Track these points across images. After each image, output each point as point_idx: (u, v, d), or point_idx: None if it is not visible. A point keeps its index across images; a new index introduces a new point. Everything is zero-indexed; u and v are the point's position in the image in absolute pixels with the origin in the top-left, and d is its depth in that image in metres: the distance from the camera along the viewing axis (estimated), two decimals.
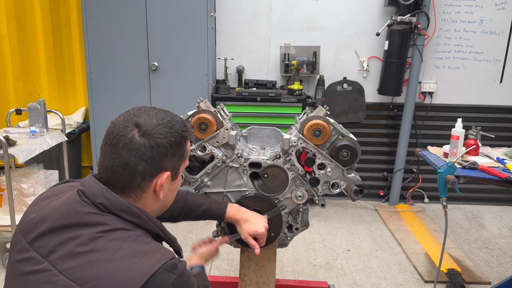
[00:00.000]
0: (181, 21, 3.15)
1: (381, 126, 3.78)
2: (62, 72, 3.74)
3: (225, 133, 1.59)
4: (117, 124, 0.94)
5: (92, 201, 0.90)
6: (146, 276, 0.83)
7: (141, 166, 0.92)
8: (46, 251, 0.87)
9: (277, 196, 1.62)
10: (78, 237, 0.86)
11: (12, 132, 2.78)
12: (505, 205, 3.79)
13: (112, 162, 0.92)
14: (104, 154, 0.93)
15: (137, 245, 0.88)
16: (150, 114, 0.96)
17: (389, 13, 3.46)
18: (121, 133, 0.92)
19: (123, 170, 0.92)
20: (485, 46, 3.60)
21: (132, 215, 0.91)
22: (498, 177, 1.90)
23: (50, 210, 0.93)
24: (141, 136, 0.92)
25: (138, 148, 0.91)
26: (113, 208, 0.90)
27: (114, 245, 0.86)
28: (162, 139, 0.94)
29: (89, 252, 0.85)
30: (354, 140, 1.57)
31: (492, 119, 3.70)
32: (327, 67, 3.68)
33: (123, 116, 0.95)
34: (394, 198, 3.76)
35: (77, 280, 0.82)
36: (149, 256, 0.86)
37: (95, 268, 0.83)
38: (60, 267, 0.84)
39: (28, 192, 2.75)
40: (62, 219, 0.89)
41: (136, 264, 0.84)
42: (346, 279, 2.58)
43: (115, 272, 0.82)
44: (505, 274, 2.67)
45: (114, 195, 0.91)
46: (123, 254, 0.85)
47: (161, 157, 0.94)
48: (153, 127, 0.93)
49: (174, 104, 3.25)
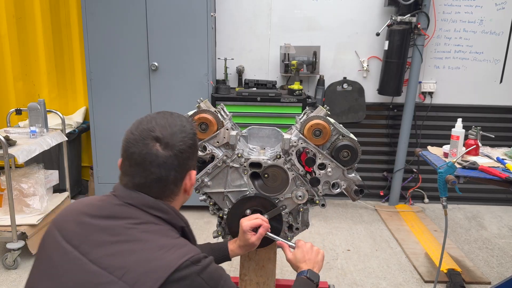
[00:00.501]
0: (181, 21, 3.15)
1: (381, 126, 3.78)
2: (62, 72, 3.73)
3: (226, 133, 1.59)
4: (135, 143, 0.96)
5: (123, 201, 0.97)
6: (173, 267, 0.86)
7: (172, 175, 0.98)
8: (78, 242, 0.91)
9: (278, 196, 1.62)
10: (109, 228, 0.92)
11: (12, 132, 2.78)
12: (505, 205, 3.79)
13: (144, 180, 0.97)
14: (132, 175, 0.98)
15: (166, 239, 0.93)
16: (162, 124, 0.99)
17: (389, 13, 3.47)
18: (144, 151, 0.95)
19: (157, 184, 0.98)
20: (485, 46, 3.61)
21: (159, 211, 0.97)
22: (498, 177, 1.90)
23: (85, 206, 0.99)
24: (164, 149, 0.96)
25: (166, 161, 0.96)
26: (141, 205, 0.96)
27: (144, 236, 0.91)
28: (183, 145, 0.99)
29: (120, 243, 0.89)
30: (354, 140, 1.58)
31: (492, 119, 3.70)
32: (327, 67, 3.68)
33: (138, 132, 0.97)
34: (394, 198, 3.76)
35: (107, 268, 0.86)
36: (176, 249, 0.91)
37: (125, 257, 0.87)
38: (91, 256, 0.88)
39: (28, 192, 2.75)
40: (97, 212, 0.96)
41: (163, 256, 0.88)
42: (346, 279, 2.58)
43: (144, 262, 0.86)
44: (505, 274, 2.67)
45: (142, 194, 0.97)
46: (152, 246, 0.89)
47: (186, 161, 1.01)
48: (171, 137, 0.98)
49: (174, 104, 3.26)
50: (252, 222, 1.44)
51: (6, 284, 2.48)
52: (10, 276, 2.56)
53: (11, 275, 2.56)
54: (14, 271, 2.60)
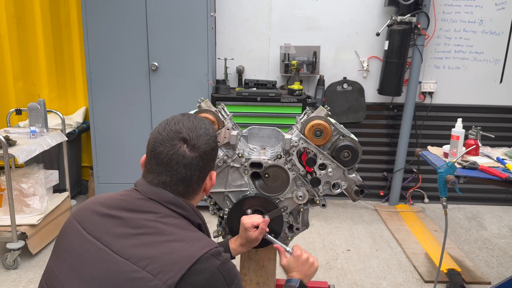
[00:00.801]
0: (181, 21, 3.14)
1: (381, 126, 3.78)
2: (62, 72, 3.73)
3: (226, 133, 1.59)
4: (162, 143, 1.01)
5: (145, 196, 1.01)
6: (194, 258, 0.89)
7: (196, 175, 1.04)
8: (100, 233, 0.95)
9: (278, 196, 1.62)
10: (131, 220, 0.95)
11: (12, 132, 2.78)
12: (505, 205, 3.80)
13: (170, 178, 1.01)
14: (158, 173, 1.02)
15: (186, 232, 0.97)
16: (189, 126, 1.04)
17: (389, 13, 3.47)
18: (171, 152, 1.00)
19: (181, 183, 1.03)
20: (485, 46, 3.61)
21: (179, 207, 1.01)
22: (498, 177, 1.90)
23: (107, 199, 1.03)
24: (191, 151, 1.02)
25: (192, 162, 1.02)
26: (162, 201, 1.00)
27: (166, 229, 0.95)
28: (207, 147, 1.05)
29: (142, 235, 0.93)
30: (355, 141, 1.58)
31: (492, 119, 3.70)
32: (327, 67, 3.68)
33: (166, 133, 1.02)
34: (394, 198, 3.76)
35: (131, 258, 0.89)
36: (196, 241, 0.95)
37: (148, 248, 0.90)
38: (113, 247, 0.91)
39: (28, 192, 2.75)
40: (118, 205, 0.99)
41: (185, 248, 0.91)
42: (346, 279, 2.58)
43: (166, 253, 0.89)
44: (505, 274, 2.67)
45: (163, 190, 1.01)
46: (174, 238, 0.93)
47: (209, 162, 1.07)
48: (197, 139, 1.03)
49: (174, 104, 3.26)
50: (253, 220, 1.46)
51: (6, 284, 2.48)
52: (10, 276, 2.56)
53: (11, 275, 2.56)
54: (14, 271, 2.60)
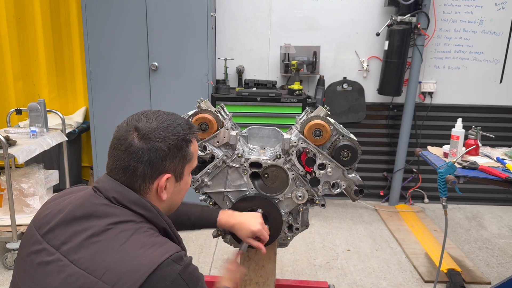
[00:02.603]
0: (181, 21, 3.15)
1: (381, 126, 3.78)
2: (62, 72, 3.73)
3: (226, 133, 1.59)
4: (121, 128, 0.99)
5: (105, 195, 0.96)
6: (154, 265, 0.85)
7: (140, 168, 0.96)
8: (59, 243, 0.91)
9: (278, 196, 1.62)
10: (89, 228, 0.91)
11: (12, 132, 2.78)
12: (505, 205, 3.79)
13: (115, 165, 0.97)
14: (110, 156, 0.99)
15: (146, 237, 0.91)
16: (151, 117, 0.99)
17: (389, 13, 3.47)
18: (122, 137, 0.97)
19: (124, 172, 0.97)
20: (485, 46, 3.61)
21: (142, 208, 0.96)
22: (498, 177, 1.90)
23: (65, 204, 0.98)
24: (140, 140, 0.96)
25: (137, 152, 0.95)
26: (124, 200, 0.95)
27: (124, 235, 0.90)
28: (160, 142, 0.96)
29: (99, 242, 0.88)
30: (354, 140, 1.58)
31: (492, 119, 3.70)
32: (327, 67, 3.68)
33: (127, 120, 1.00)
34: (394, 198, 3.76)
35: (87, 269, 0.85)
36: (156, 247, 0.90)
37: (105, 257, 0.86)
38: (71, 257, 0.88)
39: (28, 192, 2.75)
40: (76, 211, 0.94)
41: (144, 254, 0.87)
42: (346, 279, 2.58)
43: (124, 261, 0.86)
44: (505, 274, 2.67)
45: (126, 189, 0.96)
46: (132, 245, 0.88)
47: (160, 160, 0.97)
48: (151, 131, 0.97)
49: (174, 104, 3.25)
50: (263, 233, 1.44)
51: (6, 284, 2.48)
52: (10, 276, 2.55)
53: (11, 275, 2.56)
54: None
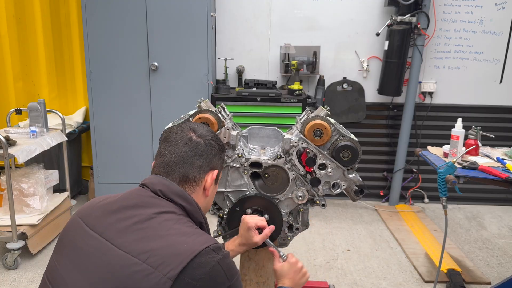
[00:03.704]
0: (181, 21, 3.14)
1: (381, 126, 3.78)
2: (62, 72, 3.73)
3: (226, 133, 1.59)
4: (174, 130, 1.15)
5: (152, 189, 1.04)
6: (195, 252, 0.90)
7: (198, 161, 1.10)
8: (103, 229, 0.97)
9: (278, 196, 1.62)
10: (134, 216, 0.97)
11: (12, 132, 2.78)
12: (505, 205, 3.79)
13: (174, 158, 1.09)
14: (164, 153, 1.10)
15: (187, 227, 0.99)
16: (200, 126, 1.18)
17: (389, 13, 3.47)
18: (180, 135, 1.12)
19: (183, 164, 1.08)
20: (485, 46, 3.61)
21: (184, 200, 1.04)
22: (498, 177, 1.90)
23: (111, 198, 1.06)
24: (198, 137, 1.13)
25: (197, 145, 1.11)
26: (169, 192, 1.03)
27: (167, 224, 0.96)
28: (213, 141, 1.15)
29: (144, 229, 0.94)
30: (355, 141, 1.58)
31: (492, 119, 3.70)
32: (327, 67, 3.68)
33: (177, 126, 1.19)
34: (394, 198, 3.76)
35: (131, 252, 0.90)
36: (196, 236, 0.96)
37: (149, 242, 0.92)
38: (115, 241, 0.93)
39: (28, 192, 2.75)
40: (122, 202, 1.01)
41: (186, 241, 0.93)
42: (346, 279, 2.58)
43: (167, 246, 0.91)
44: (505, 274, 2.67)
45: (172, 182, 1.06)
46: (175, 232, 0.95)
47: (213, 156, 1.13)
48: (205, 132, 1.15)
49: (174, 104, 3.26)
50: (257, 221, 1.45)
51: (6, 284, 2.48)
52: (10, 276, 2.56)
53: (11, 275, 2.56)
54: (14, 271, 2.60)
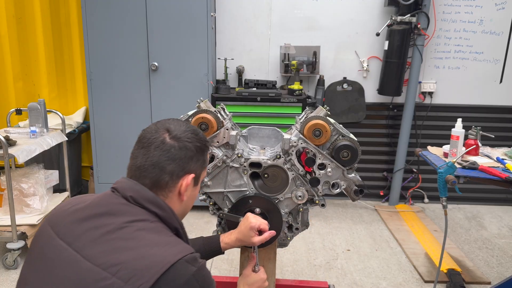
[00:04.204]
0: (181, 21, 3.15)
1: (381, 126, 3.78)
2: (62, 72, 3.73)
3: (226, 133, 1.59)
4: (148, 130, 1.06)
5: (123, 195, 0.98)
6: (168, 264, 0.86)
7: (170, 165, 1.01)
8: (72, 239, 0.92)
9: (277, 196, 1.62)
10: (104, 226, 0.92)
11: (12, 132, 2.78)
12: (505, 205, 3.79)
13: (144, 162, 1.01)
14: (136, 156, 1.03)
15: (160, 236, 0.93)
16: (178, 123, 1.08)
17: (389, 13, 3.47)
18: (153, 137, 1.03)
19: (153, 169, 1.01)
20: (485, 46, 3.61)
21: (157, 206, 0.98)
22: (498, 177, 1.90)
23: (81, 203, 1.00)
24: (171, 139, 1.03)
25: (169, 149, 1.02)
26: (141, 199, 0.97)
27: (138, 234, 0.91)
28: (189, 143, 1.05)
29: (114, 240, 0.89)
30: (354, 140, 1.58)
31: (492, 119, 3.70)
32: (327, 67, 3.68)
33: (154, 124, 1.08)
34: (394, 198, 3.76)
35: (101, 265, 0.86)
36: (170, 246, 0.91)
37: (119, 254, 0.87)
38: (84, 252, 0.88)
39: (28, 192, 2.75)
40: (93, 209, 0.96)
41: (158, 253, 0.88)
42: (346, 279, 2.58)
43: (138, 258, 0.86)
44: (505, 274, 2.67)
45: (143, 187, 1.00)
46: (147, 243, 0.89)
47: (188, 159, 1.04)
48: (182, 132, 1.05)
49: (174, 104, 3.26)
50: (260, 223, 1.45)
51: (6, 284, 2.48)
52: (10, 276, 2.56)
53: (11, 275, 2.56)
54: (14, 271, 2.60)
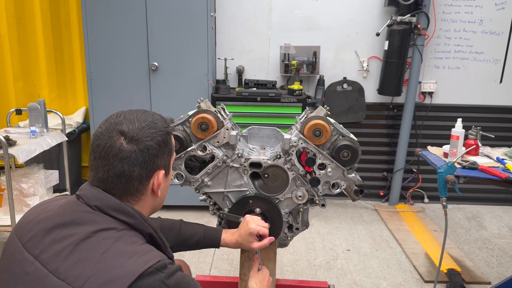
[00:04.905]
0: (181, 21, 3.14)
1: (381, 126, 3.78)
2: (62, 72, 3.73)
3: (226, 133, 1.59)
4: (100, 136, 0.94)
5: (87, 203, 0.92)
6: (135, 274, 0.81)
7: (136, 171, 0.93)
8: (38, 251, 0.87)
9: (278, 196, 1.62)
10: (69, 236, 0.87)
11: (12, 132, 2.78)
12: (505, 205, 3.79)
13: (107, 174, 0.92)
14: (96, 168, 0.94)
15: (127, 246, 0.87)
16: (130, 119, 0.96)
17: (389, 13, 3.47)
18: (108, 144, 0.92)
19: (119, 179, 0.93)
20: (485, 46, 3.61)
21: (125, 215, 0.92)
22: (498, 177, 1.90)
23: (47, 212, 0.95)
24: (129, 143, 0.92)
25: (129, 156, 0.92)
26: (106, 208, 0.91)
27: (104, 244, 0.86)
28: (150, 141, 0.95)
29: (79, 251, 0.85)
30: (354, 140, 1.57)
31: (492, 119, 3.70)
32: (327, 67, 3.68)
33: (104, 126, 0.95)
34: (394, 198, 3.76)
35: (66, 279, 0.82)
36: (138, 256, 0.85)
37: (84, 267, 0.83)
38: (50, 266, 0.85)
39: (28, 192, 2.75)
40: (57, 219, 0.91)
41: (125, 264, 0.83)
42: (346, 279, 2.58)
43: (104, 271, 0.82)
44: (505, 274, 2.67)
45: (108, 195, 0.92)
46: (113, 254, 0.85)
47: (153, 158, 0.96)
48: (138, 132, 0.94)
49: (174, 104, 3.25)
50: (261, 229, 1.45)
51: None
52: None
53: None
54: None
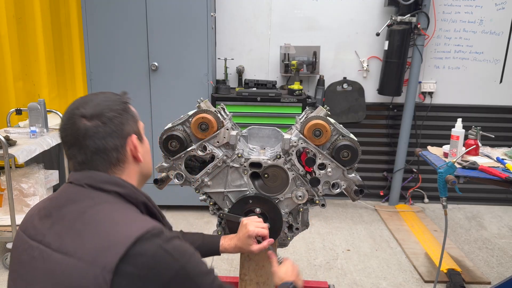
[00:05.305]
0: (181, 21, 3.14)
1: (381, 126, 3.78)
2: (62, 72, 3.73)
3: (226, 133, 1.59)
4: (64, 126, 0.97)
5: (78, 184, 0.96)
6: (132, 238, 0.83)
7: (110, 142, 0.96)
8: (41, 236, 0.92)
9: (278, 196, 1.62)
10: (67, 214, 0.91)
11: (12, 132, 2.78)
12: (505, 205, 3.79)
13: (85, 156, 0.96)
14: (73, 155, 0.97)
15: (123, 215, 0.91)
16: (84, 101, 0.99)
17: (389, 13, 3.47)
18: (73, 130, 0.95)
19: (98, 155, 0.96)
20: (485, 46, 3.61)
21: (115, 185, 0.96)
22: (498, 177, 1.90)
23: (44, 202, 1.01)
24: (91, 121, 0.95)
25: (96, 131, 0.95)
26: (97, 182, 0.95)
27: (100, 217, 0.89)
28: (109, 112, 0.97)
29: (78, 226, 0.89)
30: (354, 140, 1.58)
31: (492, 119, 3.70)
32: (327, 67, 3.68)
33: (64, 117, 0.98)
34: (394, 198, 3.76)
35: (67, 253, 0.86)
36: (134, 222, 0.89)
37: (82, 239, 0.86)
38: (53, 245, 0.89)
39: (28, 192, 2.75)
40: (54, 203, 0.96)
41: (121, 230, 0.86)
42: (346, 279, 2.58)
43: (100, 239, 0.85)
44: (505, 274, 2.67)
45: (95, 172, 0.96)
46: (108, 224, 0.88)
47: (119, 126, 0.98)
48: (95, 108, 0.97)
49: (174, 104, 3.25)
50: (260, 231, 1.44)
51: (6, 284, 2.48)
52: None
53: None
54: None
